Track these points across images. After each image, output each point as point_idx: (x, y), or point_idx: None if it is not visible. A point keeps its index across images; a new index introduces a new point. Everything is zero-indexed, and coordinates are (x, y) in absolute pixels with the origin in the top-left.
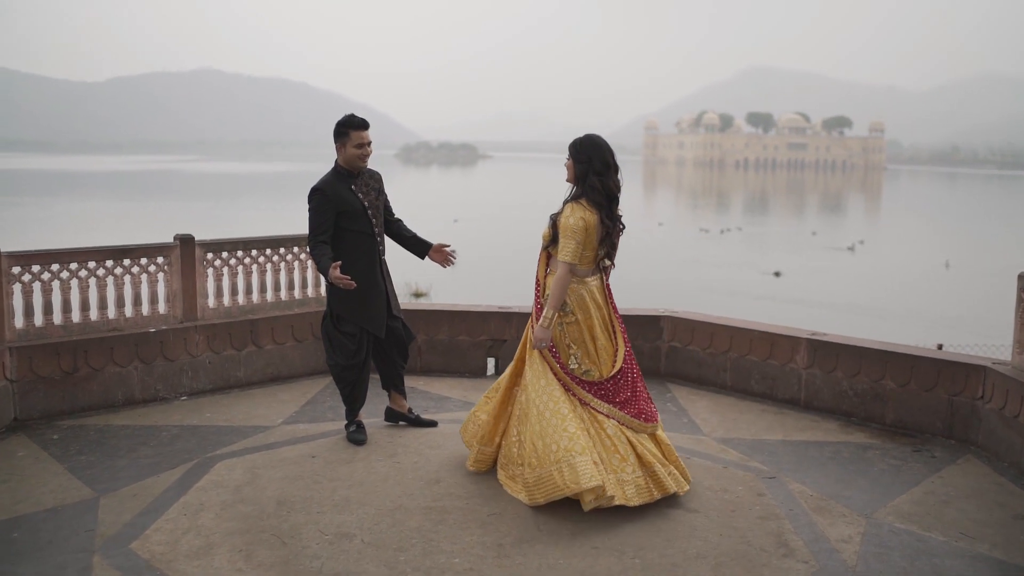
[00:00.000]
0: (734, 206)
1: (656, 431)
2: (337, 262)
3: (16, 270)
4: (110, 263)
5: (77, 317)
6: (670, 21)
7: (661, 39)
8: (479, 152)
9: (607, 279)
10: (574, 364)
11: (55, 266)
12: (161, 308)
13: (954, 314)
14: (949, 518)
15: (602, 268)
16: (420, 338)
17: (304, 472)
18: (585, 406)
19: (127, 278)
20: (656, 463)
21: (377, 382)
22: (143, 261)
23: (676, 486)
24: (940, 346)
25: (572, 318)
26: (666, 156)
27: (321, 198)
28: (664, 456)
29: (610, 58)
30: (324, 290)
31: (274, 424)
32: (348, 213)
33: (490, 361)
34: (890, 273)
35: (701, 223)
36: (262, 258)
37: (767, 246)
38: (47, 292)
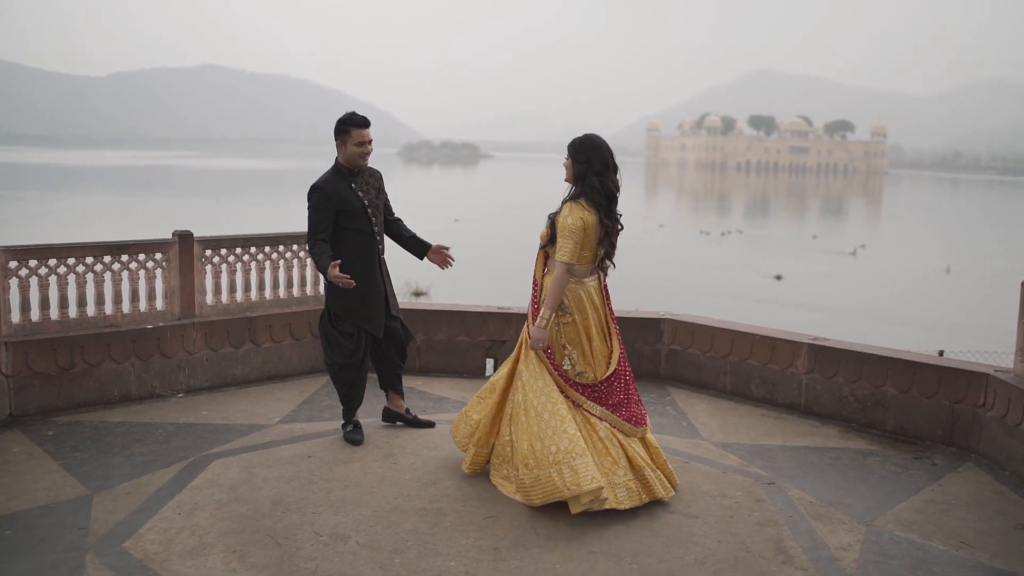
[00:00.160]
0: (735, 209)
1: (646, 434)
2: (336, 261)
3: (13, 264)
4: (108, 259)
5: (74, 313)
6: (674, 23)
7: (664, 41)
8: (481, 152)
9: (605, 279)
10: (567, 365)
11: (52, 261)
12: (159, 305)
13: (955, 320)
14: (950, 527)
15: (602, 269)
16: (419, 338)
17: (300, 472)
18: (578, 408)
19: (125, 274)
20: (646, 467)
21: (375, 382)
22: (141, 257)
23: (663, 491)
24: (941, 352)
25: (569, 318)
26: (668, 158)
27: (321, 196)
28: (652, 460)
29: (613, 59)
30: (323, 288)
31: (271, 423)
32: (348, 211)
33: (489, 362)
34: (891, 278)
35: (702, 225)
36: (261, 255)
37: (768, 249)
38: (44, 287)
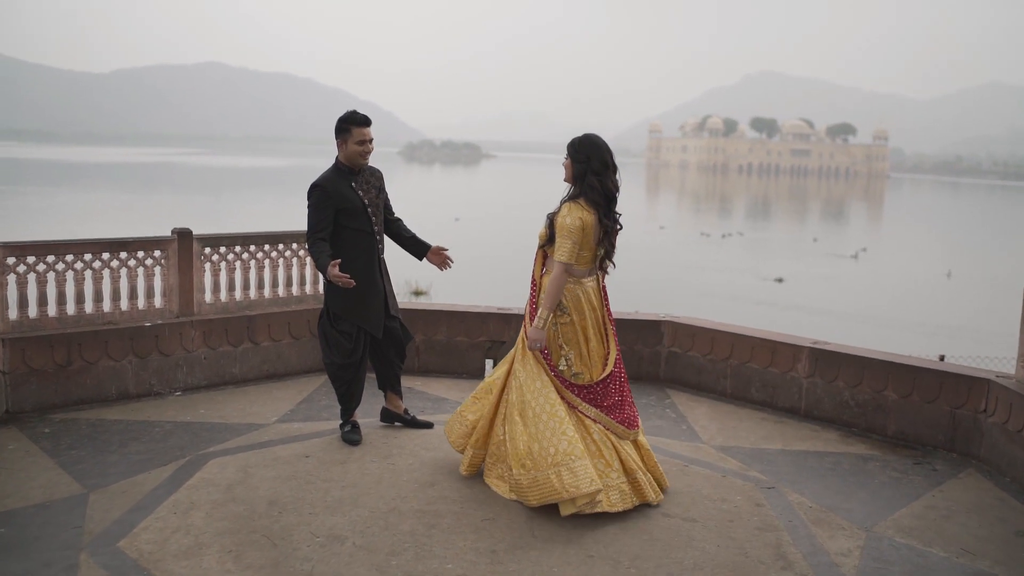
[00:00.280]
0: (736, 211)
1: (638, 437)
2: (336, 260)
3: (11, 260)
4: (106, 255)
5: (72, 309)
6: (676, 24)
7: (667, 42)
8: (482, 151)
9: (604, 280)
10: (564, 366)
11: (51, 257)
12: (157, 302)
13: (955, 324)
14: (950, 533)
15: (603, 269)
16: (418, 338)
17: (297, 472)
18: (573, 410)
19: (123, 271)
20: (638, 470)
21: (373, 382)
22: (140, 254)
23: (653, 495)
24: (942, 357)
25: (567, 318)
26: (669, 159)
27: (321, 194)
28: (644, 462)
29: (615, 60)
30: (322, 288)
31: (268, 422)
32: (348, 210)
33: (488, 362)
34: (892, 282)
35: (703, 227)
36: (260, 254)
37: (768, 252)
38: (42, 284)
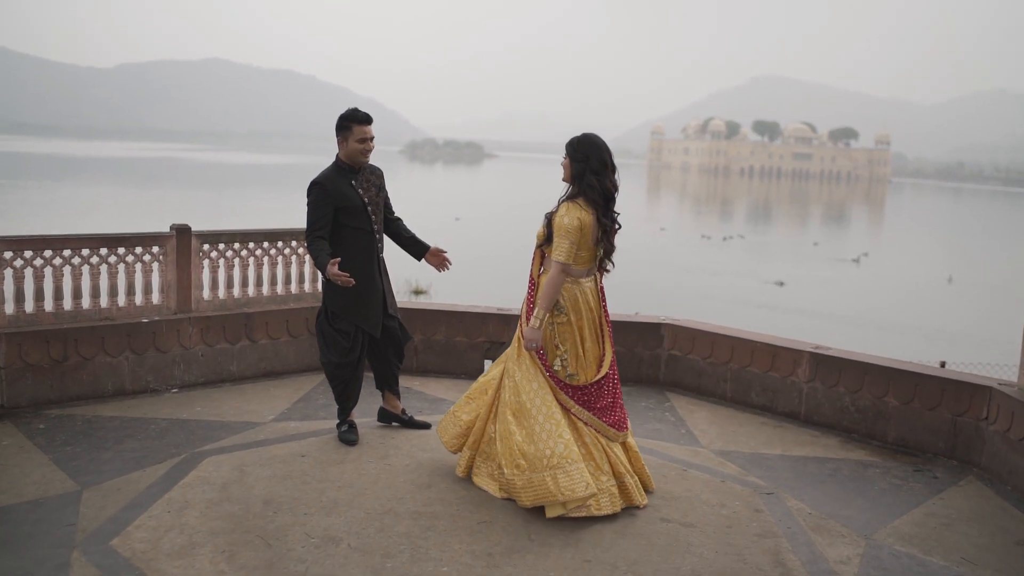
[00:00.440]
0: (737, 214)
1: (627, 439)
2: (336, 258)
3: (8, 255)
4: (104, 251)
5: (69, 305)
6: (680, 26)
7: (670, 44)
8: (485, 151)
9: (601, 281)
10: (559, 366)
11: (48, 252)
12: (155, 298)
13: (956, 330)
14: (951, 542)
15: (603, 269)
16: (417, 338)
17: (293, 471)
18: (566, 412)
19: (121, 267)
20: (626, 473)
21: (371, 381)
22: (138, 250)
23: (640, 498)
24: (943, 364)
25: (564, 318)
26: (671, 161)
27: (320, 192)
28: (631, 463)
29: (618, 62)
30: (321, 286)
31: (265, 421)
32: (347, 209)
33: (487, 363)
34: (893, 286)
35: (703, 230)
36: (259, 251)
37: (769, 255)
38: (39, 278)
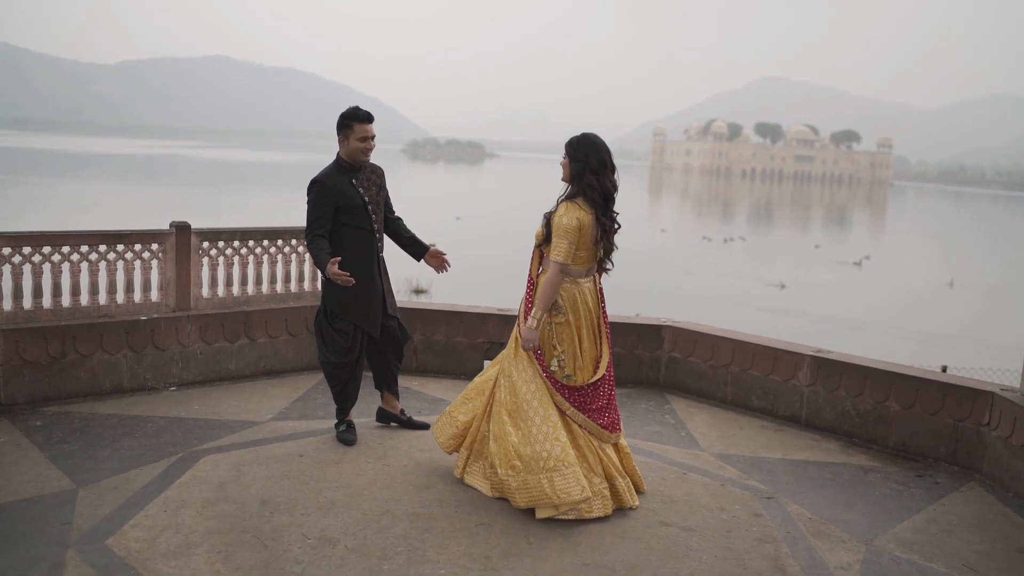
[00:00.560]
0: (738, 216)
1: (619, 440)
2: (336, 258)
3: (7, 251)
4: (103, 248)
5: (67, 301)
6: (682, 28)
7: (673, 45)
8: (486, 151)
9: (600, 281)
10: (555, 367)
11: (46, 248)
12: (154, 296)
13: (957, 334)
14: (952, 548)
15: (603, 269)
16: (416, 338)
17: (291, 471)
18: (562, 414)
19: (120, 264)
20: (617, 476)
21: (370, 381)
22: (137, 247)
23: (630, 500)
24: (944, 368)
25: (563, 318)
26: (673, 163)
27: (320, 190)
28: (623, 464)
29: (620, 62)
30: (320, 284)
31: (263, 420)
32: (347, 208)
33: (487, 364)
34: (894, 290)
35: (704, 231)
36: (259, 249)
37: (770, 257)
38: (38, 275)
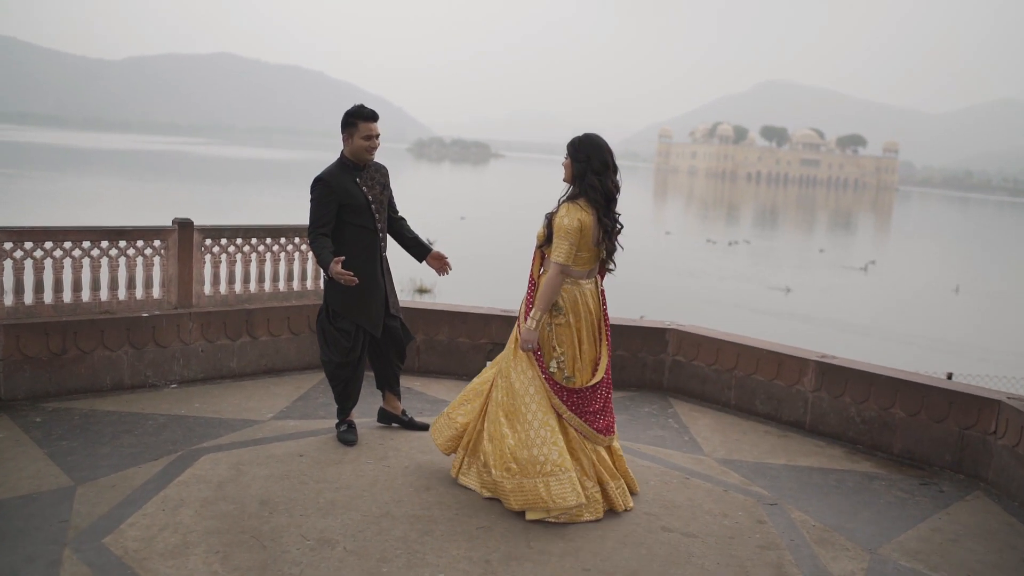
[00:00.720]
0: (743, 219)
1: (612, 443)
2: (340, 257)
3: (8, 246)
4: (105, 244)
5: (68, 297)
6: (689, 30)
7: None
8: (492, 151)
9: (602, 283)
10: (554, 368)
11: (48, 244)
12: (155, 293)
13: (962, 341)
14: (957, 558)
15: (606, 270)
16: (419, 338)
17: (291, 471)
18: (558, 417)
19: (122, 260)
20: (610, 479)
21: (371, 381)
22: (139, 243)
23: (623, 502)
24: (950, 375)
25: (563, 319)
26: (678, 165)
27: (324, 189)
28: (615, 467)
29: (627, 64)
30: (323, 283)
31: (264, 419)
32: (351, 206)
33: (489, 365)
34: (899, 295)
35: (709, 234)
36: (262, 247)
37: (775, 261)
38: (39, 270)
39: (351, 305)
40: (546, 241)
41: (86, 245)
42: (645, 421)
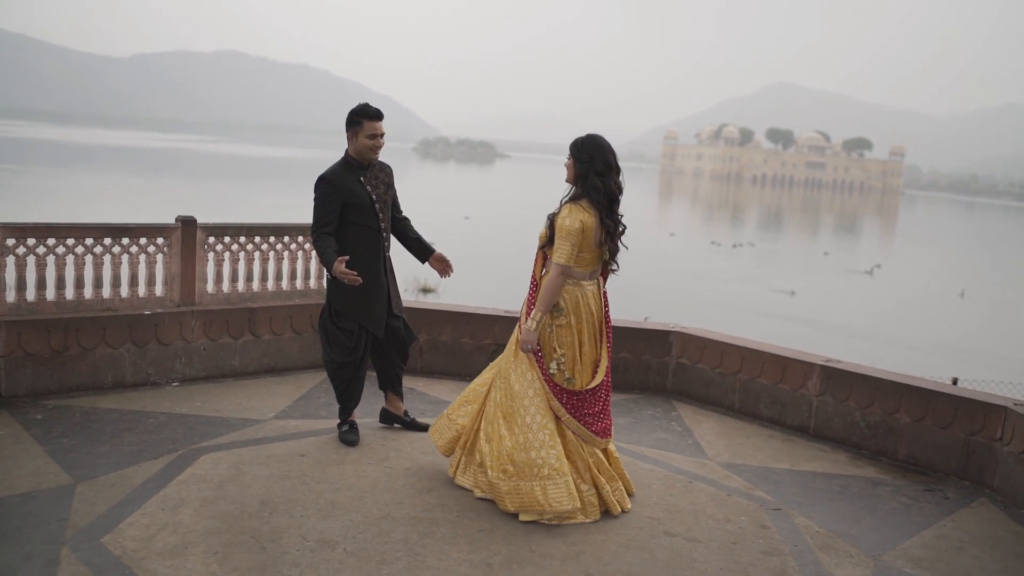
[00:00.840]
0: (748, 221)
1: (608, 446)
2: (344, 257)
3: (11, 242)
4: (108, 241)
5: (71, 294)
6: (695, 32)
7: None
8: (497, 151)
9: (605, 284)
10: (555, 369)
11: (51, 240)
12: (158, 290)
13: (967, 346)
14: (962, 566)
15: (609, 271)
16: (422, 338)
17: (291, 471)
18: (556, 420)
19: (125, 257)
20: (608, 481)
21: (374, 381)
22: (142, 241)
23: (620, 504)
24: (955, 380)
25: (564, 320)
26: (684, 167)
27: (328, 188)
28: (612, 468)
29: (634, 66)
30: (325, 282)
31: (265, 418)
32: (355, 205)
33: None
34: (904, 299)
35: (714, 236)
36: (265, 245)
37: (779, 263)
38: (41, 267)
39: (354, 305)
40: (548, 242)
41: (89, 242)
42: (648, 424)
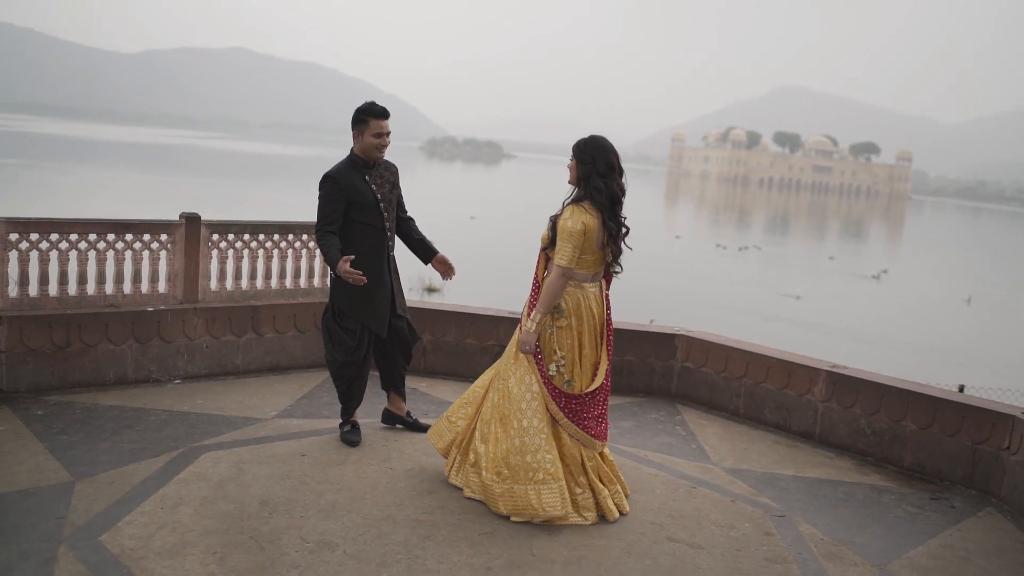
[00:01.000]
0: (754, 224)
1: (604, 448)
2: (349, 256)
3: (14, 237)
4: (111, 237)
5: (73, 290)
6: (704, 34)
7: (693, 52)
8: (504, 151)
9: (608, 286)
10: (554, 371)
11: (54, 236)
12: (161, 287)
13: (974, 352)
14: None
15: (612, 273)
16: (426, 338)
17: (292, 471)
18: (554, 423)
19: (128, 254)
20: (606, 484)
21: (376, 381)
22: (146, 237)
23: (619, 508)
24: (961, 387)
25: (565, 322)
26: (691, 169)
27: (332, 186)
28: (609, 472)
29: (641, 67)
30: (329, 281)
31: (267, 417)
32: (359, 204)
33: None
34: (910, 305)
35: (719, 239)
36: (269, 243)
37: (784, 267)
38: (44, 262)
39: (357, 304)
40: (550, 244)
41: (92, 238)
42: (652, 428)
